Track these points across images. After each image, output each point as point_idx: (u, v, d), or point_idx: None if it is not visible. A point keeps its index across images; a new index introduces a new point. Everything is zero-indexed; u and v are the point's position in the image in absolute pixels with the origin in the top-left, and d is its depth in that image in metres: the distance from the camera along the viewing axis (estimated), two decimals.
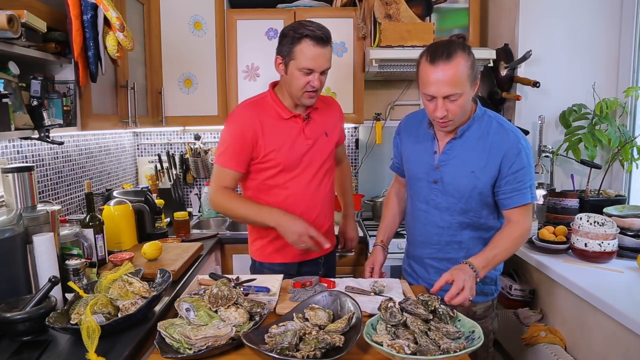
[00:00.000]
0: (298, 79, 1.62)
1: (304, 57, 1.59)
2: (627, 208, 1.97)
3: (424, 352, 1.03)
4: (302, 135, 1.73)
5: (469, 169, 1.48)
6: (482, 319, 1.59)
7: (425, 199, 1.57)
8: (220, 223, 2.84)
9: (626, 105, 2.26)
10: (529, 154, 1.47)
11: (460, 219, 1.54)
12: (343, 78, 2.68)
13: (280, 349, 1.03)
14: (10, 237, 1.28)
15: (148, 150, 3.10)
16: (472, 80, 1.38)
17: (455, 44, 1.38)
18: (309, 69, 1.60)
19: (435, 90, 1.37)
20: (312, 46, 1.58)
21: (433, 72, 1.35)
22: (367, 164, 3.07)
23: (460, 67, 1.34)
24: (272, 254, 1.80)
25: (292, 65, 1.61)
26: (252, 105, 1.73)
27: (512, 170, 1.45)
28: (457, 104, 1.38)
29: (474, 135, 1.49)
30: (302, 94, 1.65)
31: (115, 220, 1.94)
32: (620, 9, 2.32)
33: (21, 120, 1.44)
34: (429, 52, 1.38)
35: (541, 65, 2.37)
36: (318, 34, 1.58)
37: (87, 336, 1.06)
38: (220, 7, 2.63)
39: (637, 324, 1.32)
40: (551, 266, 1.77)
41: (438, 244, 1.59)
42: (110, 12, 1.68)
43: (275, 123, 1.70)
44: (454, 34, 1.46)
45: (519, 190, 1.45)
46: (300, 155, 1.72)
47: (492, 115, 1.52)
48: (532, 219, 1.51)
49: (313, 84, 1.62)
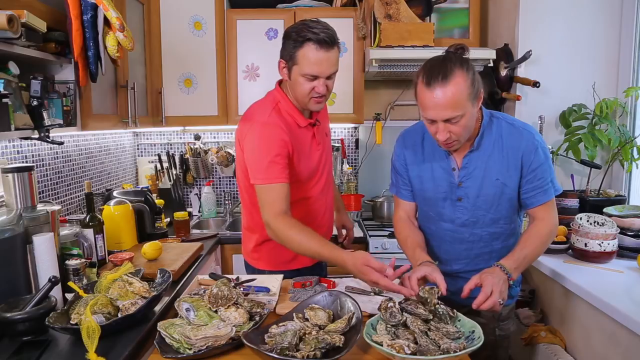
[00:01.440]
0: (302, 85, 1.52)
1: (307, 62, 1.48)
2: (627, 208, 1.97)
3: (424, 352, 1.03)
4: (315, 141, 1.67)
5: (493, 177, 1.41)
6: (506, 321, 1.56)
7: (450, 217, 1.48)
8: (220, 223, 2.84)
9: (626, 105, 2.26)
10: (545, 148, 1.42)
11: (491, 230, 1.47)
12: (343, 78, 2.67)
13: (280, 349, 1.03)
14: (10, 237, 1.28)
15: (148, 150, 3.10)
16: (474, 97, 1.29)
17: (452, 60, 1.29)
18: (313, 75, 1.50)
19: (434, 114, 1.28)
20: (315, 50, 1.47)
21: (430, 96, 1.26)
22: (367, 164, 3.07)
23: (459, 87, 1.24)
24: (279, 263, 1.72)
25: (295, 71, 1.52)
26: (277, 114, 1.58)
27: (532, 168, 1.39)
28: (459, 125, 1.29)
29: (489, 143, 1.42)
30: (309, 100, 1.55)
31: (115, 220, 1.94)
32: (620, 9, 2.32)
33: (21, 120, 1.44)
34: (425, 73, 1.28)
35: (541, 65, 2.36)
36: (322, 37, 1.47)
37: (87, 336, 1.06)
38: (220, 7, 2.63)
39: (637, 324, 1.32)
40: (551, 266, 1.77)
41: (467, 258, 1.51)
42: (110, 12, 1.68)
43: (296, 132, 1.60)
44: (453, 45, 1.37)
45: (541, 187, 1.40)
46: (317, 161, 1.67)
47: (500, 117, 1.46)
48: (556, 214, 1.44)
49: (318, 90, 1.52)
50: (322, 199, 1.74)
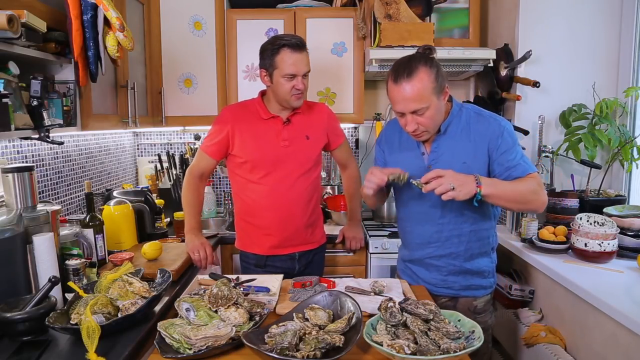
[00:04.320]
0: (283, 85, 1.80)
1: (285, 64, 1.77)
2: (627, 208, 1.97)
3: (424, 352, 1.03)
4: (279, 136, 1.88)
5: (460, 161, 1.52)
6: (482, 313, 1.63)
7: (422, 200, 1.58)
8: (220, 223, 2.84)
9: (626, 105, 2.25)
10: (512, 133, 1.52)
11: (460, 212, 1.56)
12: (343, 78, 2.68)
13: (280, 349, 1.04)
14: (10, 237, 1.29)
15: (148, 150, 3.10)
16: (438, 91, 1.43)
17: (417, 58, 1.43)
18: (292, 74, 1.78)
19: (402, 107, 1.43)
20: (290, 53, 1.76)
21: (397, 91, 1.42)
22: (367, 164, 3.06)
23: (423, 82, 1.39)
24: (246, 244, 2.01)
25: (276, 75, 1.80)
26: (236, 106, 2.01)
27: (501, 151, 1.49)
28: (426, 117, 1.44)
29: (456, 129, 1.54)
30: (291, 97, 1.82)
31: (115, 220, 1.94)
32: (620, 9, 2.32)
33: (21, 120, 1.44)
34: (393, 71, 1.44)
35: (541, 65, 2.36)
36: (294, 42, 1.77)
37: (87, 336, 1.07)
38: (220, 7, 2.63)
39: (637, 324, 1.32)
40: (551, 266, 1.77)
41: (438, 241, 1.60)
42: (110, 12, 1.68)
43: (253, 122, 1.89)
44: (421, 46, 1.51)
45: (513, 166, 1.48)
46: (274, 154, 1.87)
47: (469, 107, 1.58)
48: (542, 185, 1.50)
49: (298, 87, 1.80)
50: (279, 193, 1.90)
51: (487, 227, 1.60)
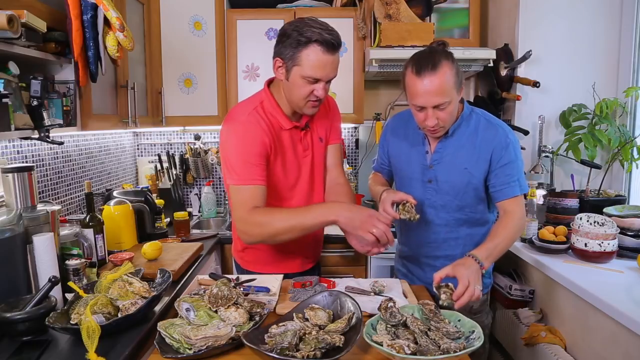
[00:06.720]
0: (301, 88, 1.42)
1: (311, 64, 1.38)
2: (627, 208, 1.97)
3: (424, 352, 1.03)
4: (300, 145, 1.58)
5: (462, 166, 1.52)
6: (478, 314, 1.63)
7: (420, 198, 1.58)
8: (220, 223, 2.84)
9: (626, 105, 2.26)
10: (517, 148, 1.52)
11: (457, 216, 1.57)
12: (343, 78, 2.67)
13: (280, 349, 1.03)
14: (10, 237, 1.28)
15: (148, 150, 3.10)
16: (458, 86, 1.41)
17: (439, 52, 1.41)
18: (315, 78, 1.40)
19: (424, 101, 1.39)
20: (321, 53, 1.37)
21: (420, 84, 1.37)
22: (367, 164, 3.06)
23: (447, 76, 1.36)
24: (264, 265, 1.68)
25: (295, 72, 1.40)
26: (257, 113, 1.49)
27: (501, 163, 1.49)
28: (446, 112, 1.41)
29: (463, 133, 1.53)
30: (305, 104, 1.45)
31: (115, 220, 1.94)
32: (620, 9, 2.32)
33: (21, 120, 1.44)
34: (414, 63, 1.39)
35: (541, 65, 2.37)
36: (328, 39, 1.37)
37: (87, 336, 1.06)
38: (220, 7, 2.63)
39: (637, 324, 1.31)
40: (551, 266, 1.77)
41: (435, 242, 1.60)
42: (110, 12, 1.68)
43: (277, 133, 1.52)
44: (435, 40, 1.49)
45: (508, 183, 1.49)
46: (299, 170, 1.58)
47: (480, 113, 1.57)
48: (524, 209, 1.55)
49: (317, 94, 1.42)
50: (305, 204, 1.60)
51: (484, 231, 1.59)
